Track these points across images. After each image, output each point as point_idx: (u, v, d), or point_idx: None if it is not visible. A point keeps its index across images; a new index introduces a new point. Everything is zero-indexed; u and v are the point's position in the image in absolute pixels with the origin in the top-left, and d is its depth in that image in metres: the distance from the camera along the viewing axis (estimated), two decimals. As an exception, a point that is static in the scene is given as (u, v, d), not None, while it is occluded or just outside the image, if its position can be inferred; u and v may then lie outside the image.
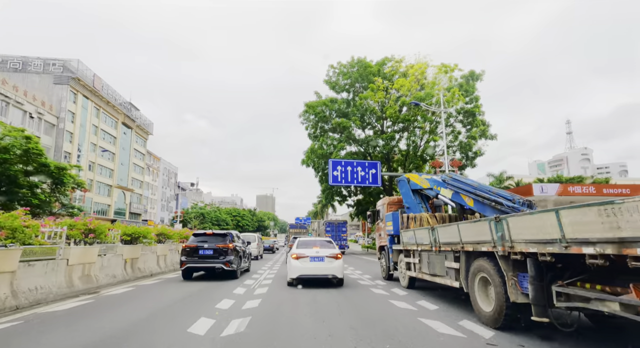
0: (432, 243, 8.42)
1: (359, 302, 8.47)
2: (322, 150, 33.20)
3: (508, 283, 5.44)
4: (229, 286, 10.77)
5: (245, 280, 12.16)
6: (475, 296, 6.51)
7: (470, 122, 30.14)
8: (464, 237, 6.84)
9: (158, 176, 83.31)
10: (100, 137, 58.76)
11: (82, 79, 52.30)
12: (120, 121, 64.40)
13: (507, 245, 5.43)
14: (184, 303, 7.93)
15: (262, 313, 6.93)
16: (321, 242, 11.99)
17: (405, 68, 32.59)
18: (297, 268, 10.60)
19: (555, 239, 4.40)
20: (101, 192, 59.69)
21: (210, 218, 77.54)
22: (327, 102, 34.04)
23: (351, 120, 31.52)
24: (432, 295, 9.35)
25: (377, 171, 30.72)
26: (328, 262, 10.62)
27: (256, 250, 23.89)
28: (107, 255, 10.70)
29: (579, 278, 4.64)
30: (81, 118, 53.35)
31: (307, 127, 36.50)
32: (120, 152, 65.04)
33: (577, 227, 4.07)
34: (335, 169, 30.34)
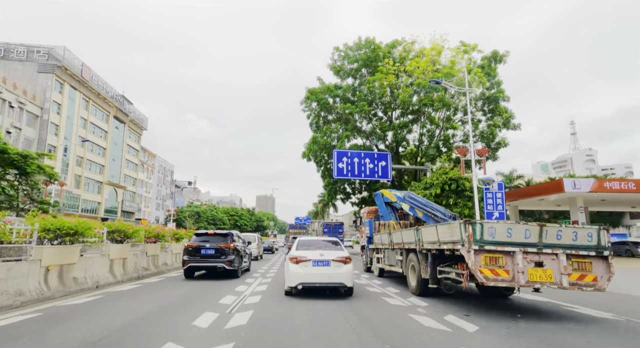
0: (389, 243, 12.02)
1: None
2: (325, 141, 29.54)
3: (422, 267, 9.03)
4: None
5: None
6: (408, 277, 10.08)
7: (492, 109, 26.46)
8: (404, 239, 10.46)
9: (153, 173, 79.57)
10: (90, 130, 55.07)
11: (69, 68, 48.65)
12: (112, 115, 60.73)
13: (420, 245, 9.13)
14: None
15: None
16: (326, 242, 9.97)
17: (418, 51, 28.93)
18: (296, 274, 8.69)
19: (435, 241, 8.25)
20: (90, 188, 55.97)
21: (206, 217, 73.61)
22: (331, 87, 30.37)
23: (358, 107, 27.79)
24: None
25: (388, 163, 27.08)
26: (335, 267, 8.75)
27: (256, 250, 23.32)
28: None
29: (447, 263, 8.22)
30: (68, 109, 49.67)
31: (308, 116, 32.86)
32: (112, 147, 61.36)
33: (442, 235, 7.90)
34: (340, 161, 26.70)
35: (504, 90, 25.88)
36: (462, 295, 9.44)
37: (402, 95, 26.35)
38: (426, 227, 9.00)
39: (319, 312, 6.92)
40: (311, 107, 32.62)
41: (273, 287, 10.45)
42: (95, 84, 54.69)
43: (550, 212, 33.62)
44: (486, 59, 26.67)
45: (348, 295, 8.90)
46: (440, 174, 23.13)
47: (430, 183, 23.15)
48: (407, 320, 6.36)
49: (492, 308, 7.74)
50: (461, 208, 21.58)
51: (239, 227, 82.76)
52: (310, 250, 9.16)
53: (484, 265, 6.67)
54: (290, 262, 8.78)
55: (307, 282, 8.54)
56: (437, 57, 26.50)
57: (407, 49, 29.86)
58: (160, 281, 11.86)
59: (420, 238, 9.07)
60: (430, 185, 23.25)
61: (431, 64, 25.86)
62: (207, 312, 6.72)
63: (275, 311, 7.04)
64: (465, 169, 26.74)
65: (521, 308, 7.85)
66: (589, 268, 6.93)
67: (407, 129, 27.23)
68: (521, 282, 6.65)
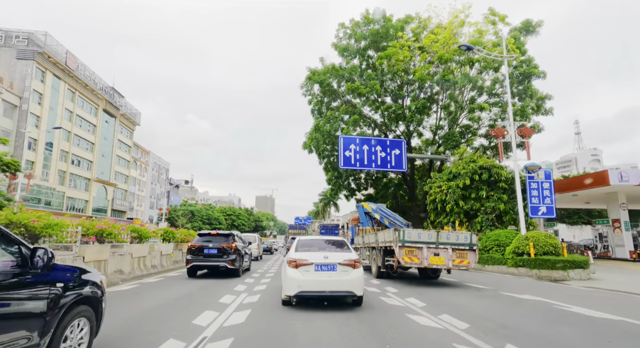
0: (362, 243, 16.37)
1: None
2: (329, 128, 25.63)
3: (378, 259, 13.20)
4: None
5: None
6: (371, 266, 14.39)
7: (524, 89, 22.52)
8: (370, 240, 14.95)
9: (147, 171, 75.57)
10: (76, 123, 51.12)
11: (52, 56, 44.73)
12: (101, 108, 56.78)
13: (377, 244, 13.59)
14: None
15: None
16: (329, 242, 8.54)
17: (436, 25, 25.00)
18: (295, 281, 7.14)
19: (384, 241, 12.79)
20: (77, 185, 51.98)
21: (201, 217, 69.39)
22: (335, 67, 26.45)
23: (368, 86, 23.79)
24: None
25: (402, 152, 23.14)
26: (342, 272, 7.22)
27: (256, 251, 23.20)
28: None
29: (389, 255, 12.54)
30: (51, 100, 45.72)
31: (309, 101, 28.93)
32: (102, 142, 57.38)
33: (387, 237, 12.57)
34: (347, 149, 22.77)
35: (538, 65, 21.90)
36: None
37: (420, 72, 22.42)
38: (381, 232, 13.84)
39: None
40: (312, 92, 28.73)
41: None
42: (81, 73, 50.76)
43: (583, 210, 29.66)
44: (516, 31, 22.67)
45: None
46: (467, 163, 19.27)
47: (455, 174, 19.28)
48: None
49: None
50: (495, 202, 17.70)
51: (237, 227, 78.65)
52: (312, 251, 7.74)
53: (404, 255, 11.53)
54: (289, 265, 7.32)
55: (308, 290, 7.13)
56: (460, 28, 22.60)
57: (422, 24, 25.98)
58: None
59: (377, 240, 13.88)
60: (455, 175, 19.37)
61: (453, 37, 21.95)
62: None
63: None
64: (493, 156, 22.80)
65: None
66: (465, 256, 11.63)
67: (424, 111, 23.18)
68: (425, 264, 11.44)
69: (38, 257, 3.19)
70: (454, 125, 23.50)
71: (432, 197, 19.73)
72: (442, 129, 24.20)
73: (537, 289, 10.88)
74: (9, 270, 3.03)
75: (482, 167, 18.15)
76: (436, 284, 11.98)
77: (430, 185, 20.08)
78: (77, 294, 3.59)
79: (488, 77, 22.67)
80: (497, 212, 17.48)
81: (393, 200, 30.31)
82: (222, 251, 12.42)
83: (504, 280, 13.47)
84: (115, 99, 60.54)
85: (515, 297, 9.26)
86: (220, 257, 12.34)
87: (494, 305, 8.08)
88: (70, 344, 3.51)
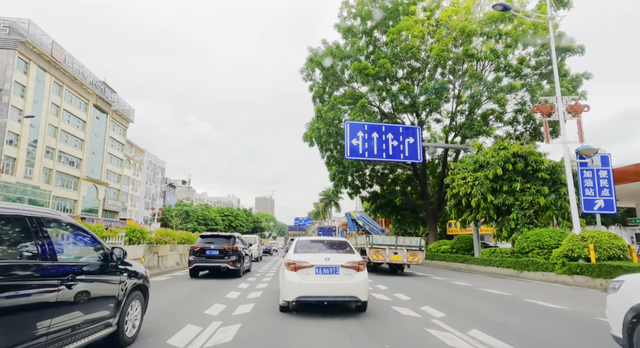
0: None
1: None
2: (332, 114, 22.60)
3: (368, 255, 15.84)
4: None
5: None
6: None
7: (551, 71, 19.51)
8: (359, 242, 18.08)
9: (141, 170, 72.46)
10: (64, 118, 48.09)
11: (37, 46, 41.71)
12: (92, 103, 53.74)
13: (357, 245, 17.69)
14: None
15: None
16: (331, 243, 7.71)
17: (451, 2, 22.00)
18: (294, 285, 6.48)
19: (360, 243, 17.53)
20: (64, 184, 48.89)
21: (197, 217, 66.04)
22: (340, 47, 23.43)
23: (377, 65, 20.72)
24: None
25: (417, 140, 20.13)
26: (345, 275, 6.56)
27: (257, 252, 23.16)
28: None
29: (364, 255, 15.64)
30: (35, 93, 42.68)
31: (310, 87, 25.92)
32: (92, 139, 54.34)
33: (362, 241, 17.48)
34: (354, 136, 19.74)
35: (575, 38, 18.89)
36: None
37: (437, 49, 19.39)
38: (359, 236, 18.96)
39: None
40: (313, 77, 25.74)
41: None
42: (69, 66, 47.72)
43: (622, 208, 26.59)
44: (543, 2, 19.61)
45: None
46: (496, 150, 16.23)
47: (482, 163, 16.24)
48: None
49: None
50: (533, 195, 14.66)
51: (234, 228, 75.41)
52: (312, 253, 7.13)
53: (373, 254, 15.40)
54: (287, 268, 6.68)
55: (308, 295, 6.44)
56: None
57: (436, 1, 22.98)
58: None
59: (357, 242, 18.47)
60: (482, 165, 16.35)
61: (476, 6, 18.94)
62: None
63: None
64: (531, 141, 19.66)
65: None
66: (416, 255, 15.40)
67: (442, 94, 20.03)
68: (387, 260, 15.54)
69: (114, 254, 4.46)
70: (475, 108, 20.38)
71: (454, 190, 16.70)
72: (462, 113, 21.11)
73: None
74: (98, 263, 4.20)
75: (516, 154, 15.13)
76: (486, 300, 8.97)
77: (452, 176, 17.04)
78: (134, 282, 4.80)
79: (514, 56, 19.65)
80: (535, 207, 14.49)
81: (403, 197, 27.29)
82: (223, 252, 12.73)
83: (563, 293, 10.39)
84: (107, 94, 57.50)
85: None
86: (222, 258, 12.65)
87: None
88: (130, 318, 4.73)
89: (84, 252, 4.08)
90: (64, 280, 3.36)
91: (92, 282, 3.84)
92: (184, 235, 18.14)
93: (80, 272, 3.67)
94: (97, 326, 3.90)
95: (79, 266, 3.74)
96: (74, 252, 3.95)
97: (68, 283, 3.39)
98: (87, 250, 4.12)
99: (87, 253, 4.09)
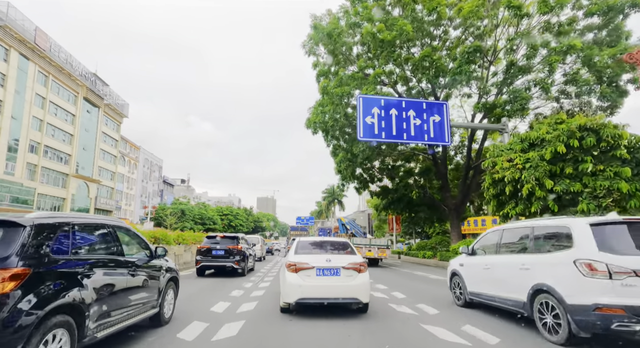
0: None
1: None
2: (341, 90, 18.99)
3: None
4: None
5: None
6: None
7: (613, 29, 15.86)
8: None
9: (137, 168, 68.96)
10: (51, 111, 44.64)
11: (18, 32, 38.26)
12: (82, 96, 50.28)
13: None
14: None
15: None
16: (332, 244, 7.57)
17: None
18: (295, 287, 6.42)
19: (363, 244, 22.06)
20: (51, 181, 45.43)
21: (193, 216, 62.26)
22: (348, 12, 19.81)
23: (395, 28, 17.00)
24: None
25: (444, 118, 16.56)
26: (346, 276, 6.54)
27: (260, 252, 23.56)
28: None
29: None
30: (17, 83, 39.20)
31: (314, 64, 22.32)
32: (82, 134, 50.88)
33: (353, 241, 21.54)
34: (368, 113, 16.13)
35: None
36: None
37: (468, 6, 15.71)
38: (346, 238, 20.54)
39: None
40: (317, 52, 22.16)
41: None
42: (55, 55, 44.27)
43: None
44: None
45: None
46: (553, 124, 12.59)
47: (535, 140, 12.61)
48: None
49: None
50: (610, 180, 11.04)
51: (234, 228, 71.76)
52: (313, 254, 7.03)
53: None
54: (288, 270, 6.63)
55: (309, 297, 6.41)
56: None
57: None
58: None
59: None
60: (533, 143, 12.73)
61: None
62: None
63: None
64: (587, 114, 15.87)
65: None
66: (384, 251, 21.42)
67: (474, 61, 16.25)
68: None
69: (158, 251, 5.67)
70: (514, 79, 16.53)
71: (496, 176, 13.09)
72: (498, 86, 17.37)
73: None
74: (146, 258, 5.41)
75: (583, 127, 11.54)
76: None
77: (493, 159, 13.43)
78: (170, 275, 6.03)
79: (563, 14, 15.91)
80: (614, 196, 10.94)
81: (420, 191, 23.67)
82: (228, 252, 13.24)
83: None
84: (98, 86, 54.04)
85: None
86: (227, 258, 13.16)
87: None
88: (167, 303, 5.91)
89: (137, 249, 5.30)
90: (129, 270, 4.66)
91: (145, 273, 5.08)
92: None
93: (138, 265, 4.93)
94: (149, 306, 5.17)
95: (136, 260, 4.98)
96: (132, 250, 5.11)
97: (132, 273, 4.71)
98: (138, 249, 5.34)
99: (139, 250, 5.33)
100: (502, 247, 6.73)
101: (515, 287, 5.83)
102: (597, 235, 4.86)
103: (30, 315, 3.02)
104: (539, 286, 5.29)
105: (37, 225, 3.49)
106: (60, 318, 3.34)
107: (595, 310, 4.46)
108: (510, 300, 6.01)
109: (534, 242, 5.88)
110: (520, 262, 5.87)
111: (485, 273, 6.90)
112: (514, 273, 5.96)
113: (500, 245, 6.78)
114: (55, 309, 3.28)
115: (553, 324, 5.05)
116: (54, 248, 3.59)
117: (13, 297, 2.95)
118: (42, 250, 3.44)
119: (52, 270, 3.44)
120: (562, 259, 5.07)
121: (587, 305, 4.54)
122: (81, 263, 3.83)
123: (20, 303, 2.98)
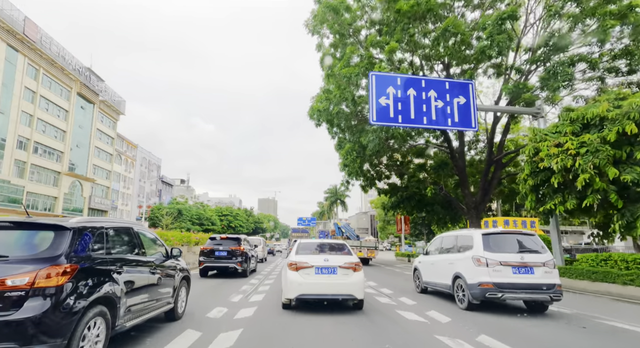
0: None
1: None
2: (349, 70, 16.60)
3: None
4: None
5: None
6: None
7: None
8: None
9: (134, 167, 66.67)
10: (41, 106, 42.38)
11: (6, 21, 36.07)
12: (75, 91, 48.05)
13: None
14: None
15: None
16: (330, 245, 8.19)
17: None
18: (295, 284, 7.02)
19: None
20: (42, 179, 43.13)
21: (191, 216, 59.77)
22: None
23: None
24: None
25: (470, 100, 14.15)
26: (342, 275, 7.11)
27: (262, 253, 23.70)
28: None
29: None
30: (4, 75, 36.96)
31: (318, 46, 19.98)
32: (76, 131, 48.62)
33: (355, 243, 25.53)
34: (382, 93, 13.74)
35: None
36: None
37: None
38: (345, 240, 23.92)
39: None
40: (322, 32, 19.81)
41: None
42: (46, 48, 42.08)
43: None
44: None
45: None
46: (612, 101, 10.19)
47: (592, 120, 10.18)
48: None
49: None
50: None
51: (233, 229, 69.33)
52: (312, 254, 7.63)
53: None
54: (289, 268, 7.21)
55: (308, 293, 7.01)
56: None
57: None
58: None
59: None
60: (588, 124, 10.31)
61: None
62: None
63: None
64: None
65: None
66: (373, 252, 25.30)
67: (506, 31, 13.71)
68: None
69: (173, 252, 6.15)
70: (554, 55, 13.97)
71: (542, 164, 10.68)
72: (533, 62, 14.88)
73: None
74: (162, 258, 5.82)
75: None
76: None
77: (535, 145, 11.01)
78: (182, 274, 6.49)
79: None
80: None
81: (436, 187, 21.22)
82: (231, 253, 13.44)
83: None
84: (93, 82, 51.81)
85: None
86: (230, 259, 13.35)
87: None
88: (181, 300, 6.35)
89: (155, 250, 5.77)
90: (150, 268, 5.20)
91: (162, 271, 5.58)
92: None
93: (157, 265, 5.46)
94: (165, 302, 5.62)
95: (155, 259, 5.48)
96: (151, 250, 5.57)
97: (152, 270, 5.23)
98: (156, 249, 5.81)
99: (156, 251, 5.79)
100: (442, 249, 9.37)
101: (446, 275, 8.49)
102: (484, 241, 7.69)
103: (79, 303, 3.55)
104: (456, 274, 8.03)
105: (80, 228, 4.01)
106: (99, 307, 3.84)
107: (479, 285, 7.32)
108: (444, 284, 8.69)
109: (456, 246, 8.63)
110: (449, 259, 8.64)
111: (432, 268, 9.63)
112: (445, 266, 8.69)
113: (441, 248, 9.45)
114: (96, 300, 3.78)
115: (461, 297, 7.83)
116: (93, 248, 4.12)
117: (66, 288, 3.46)
118: (85, 250, 3.95)
119: (92, 267, 3.94)
120: (467, 256, 7.87)
121: (476, 284, 7.38)
122: (113, 261, 4.34)
123: (71, 294, 3.51)
